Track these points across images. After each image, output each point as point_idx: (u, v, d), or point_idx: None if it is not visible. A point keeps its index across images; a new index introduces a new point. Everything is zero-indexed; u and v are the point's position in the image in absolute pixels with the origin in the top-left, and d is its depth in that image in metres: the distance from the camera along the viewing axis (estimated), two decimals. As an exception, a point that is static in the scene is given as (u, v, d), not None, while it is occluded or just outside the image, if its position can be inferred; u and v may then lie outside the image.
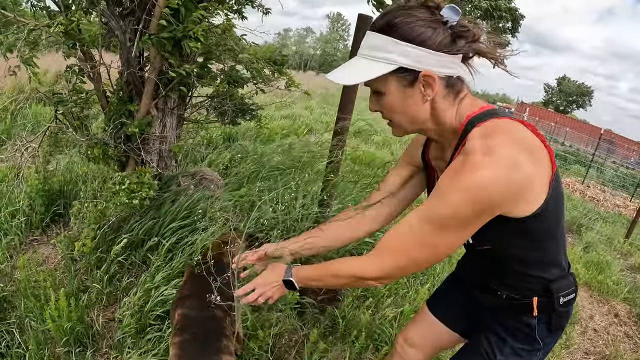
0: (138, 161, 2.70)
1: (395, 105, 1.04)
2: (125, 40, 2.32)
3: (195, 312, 1.58)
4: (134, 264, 2.50)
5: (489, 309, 1.32)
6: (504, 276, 1.20)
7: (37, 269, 2.46)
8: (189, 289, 1.69)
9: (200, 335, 1.49)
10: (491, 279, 1.26)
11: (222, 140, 5.29)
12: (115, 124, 2.43)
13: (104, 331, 2.17)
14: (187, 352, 1.42)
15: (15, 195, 2.97)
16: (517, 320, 1.23)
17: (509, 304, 1.22)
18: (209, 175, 3.18)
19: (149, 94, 2.45)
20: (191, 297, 1.64)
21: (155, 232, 2.54)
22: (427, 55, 0.96)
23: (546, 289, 1.16)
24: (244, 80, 2.97)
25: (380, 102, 1.06)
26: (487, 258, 1.19)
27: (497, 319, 1.29)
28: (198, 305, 1.59)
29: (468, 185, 0.91)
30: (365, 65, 1.01)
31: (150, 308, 2.11)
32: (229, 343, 1.51)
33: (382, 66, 0.99)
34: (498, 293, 1.23)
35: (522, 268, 1.15)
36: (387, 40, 0.97)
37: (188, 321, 1.54)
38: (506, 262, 1.16)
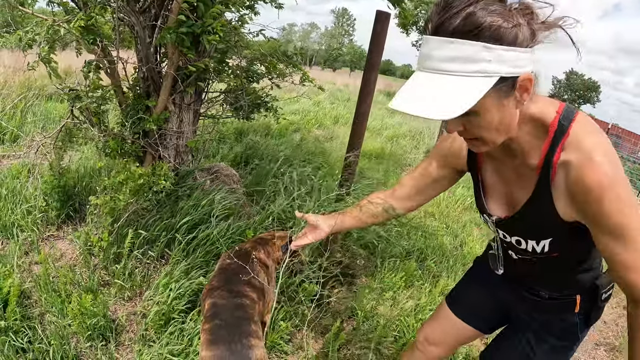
0: (155, 156, 2.71)
1: (492, 123, 0.86)
2: (144, 36, 2.33)
3: (225, 301, 1.63)
4: (151, 258, 2.51)
5: (523, 308, 1.30)
6: (554, 279, 1.18)
7: (55, 264, 2.48)
8: (218, 280, 1.74)
9: (230, 321, 1.54)
10: (537, 281, 1.23)
11: (235, 136, 5.30)
12: (132, 120, 2.43)
13: (126, 325, 2.19)
14: (217, 337, 1.48)
15: (30, 192, 2.98)
16: (558, 318, 1.22)
17: (550, 303, 1.21)
18: (224, 170, 3.20)
19: (167, 90, 2.46)
20: (219, 288, 1.69)
21: (171, 227, 2.55)
22: (521, 55, 0.80)
23: (592, 286, 1.15)
24: (259, 75, 2.97)
25: (471, 121, 0.87)
26: (543, 264, 1.14)
27: (534, 317, 1.27)
28: (227, 295, 1.65)
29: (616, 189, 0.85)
30: (457, 86, 0.79)
31: (173, 301, 2.12)
32: (257, 328, 1.57)
33: (481, 82, 0.78)
34: (540, 293, 1.22)
35: (577, 268, 1.13)
36: (477, 46, 0.77)
37: (218, 309, 1.60)
38: (563, 266, 1.13)
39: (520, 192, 1.03)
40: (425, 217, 4.34)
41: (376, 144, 6.88)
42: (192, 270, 2.31)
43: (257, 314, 1.66)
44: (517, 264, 1.23)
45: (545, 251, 1.06)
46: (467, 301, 1.51)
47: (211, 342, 1.46)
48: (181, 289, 2.16)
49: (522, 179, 1.02)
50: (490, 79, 0.78)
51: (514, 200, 1.07)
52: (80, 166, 3.47)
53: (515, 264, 1.24)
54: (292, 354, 2.17)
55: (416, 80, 0.84)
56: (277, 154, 4.31)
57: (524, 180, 1.01)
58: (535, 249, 1.07)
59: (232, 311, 1.59)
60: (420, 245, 3.40)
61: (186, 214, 2.60)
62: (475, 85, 0.78)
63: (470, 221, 4.55)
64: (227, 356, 1.41)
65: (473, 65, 0.78)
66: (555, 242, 1.03)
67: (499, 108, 0.84)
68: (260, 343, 1.52)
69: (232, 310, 1.60)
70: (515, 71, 0.80)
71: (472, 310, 1.49)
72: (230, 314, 1.58)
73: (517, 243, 1.13)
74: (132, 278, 2.40)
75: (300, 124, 7.45)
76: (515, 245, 1.14)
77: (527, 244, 1.09)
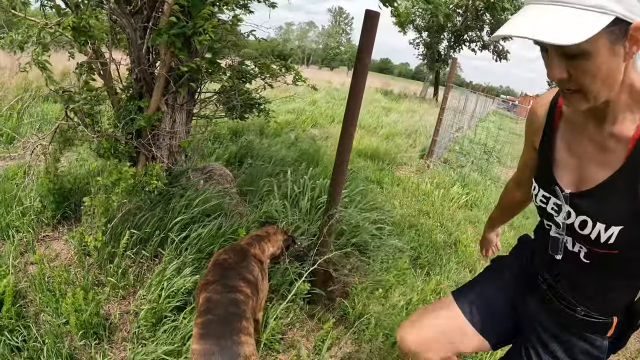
0: (149, 157, 2.73)
1: (600, 69, 0.81)
2: (136, 37, 2.35)
3: (219, 296, 1.67)
4: (145, 257, 2.54)
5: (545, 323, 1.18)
6: (599, 291, 1.06)
7: (50, 264, 2.50)
8: (214, 275, 1.78)
9: (222, 317, 1.58)
10: (578, 292, 1.10)
11: (230, 136, 5.32)
12: (125, 120, 2.46)
13: (119, 323, 2.21)
14: (208, 331, 1.51)
15: (25, 194, 3.00)
16: (585, 341, 1.10)
17: (583, 322, 1.08)
18: (218, 170, 3.22)
19: (159, 90, 2.48)
20: (215, 282, 1.73)
21: (163, 226, 2.57)
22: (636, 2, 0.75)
23: (632, 307, 1.06)
24: (252, 76, 2.99)
25: (577, 65, 0.82)
26: (595, 265, 1.04)
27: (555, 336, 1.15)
28: (222, 289, 1.69)
29: None
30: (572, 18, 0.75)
31: (165, 300, 2.15)
32: (248, 325, 1.59)
33: (597, 17, 0.74)
34: (577, 308, 1.09)
35: (628, 282, 1.04)
36: None
37: (211, 304, 1.63)
38: (615, 274, 1.03)
39: (598, 167, 0.95)
40: (420, 215, 4.37)
41: (372, 143, 6.90)
42: (185, 268, 2.33)
43: (249, 310, 1.69)
44: (565, 262, 1.10)
45: (609, 242, 0.94)
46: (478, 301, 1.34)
47: (202, 336, 1.49)
48: (173, 287, 2.18)
49: (604, 152, 0.94)
50: (607, 16, 0.74)
51: (586, 176, 0.99)
52: (76, 167, 3.49)
53: (563, 262, 1.10)
54: (283, 353, 2.19)
55: (527, 11, 0.80)
56: (271, 153, 4.33)
57: (607, 153, 0.93)
58: (600, 236, 0.95)
59: (225, 307, 1.62)
60: (413, 244, 3.43)
61: (179, 213, 2.62)
62: (591, 20, 0.74)
63: (465, 219, 4.58)
64: (216, 351, 1.44)
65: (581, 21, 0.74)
66: (625, 233, 0.92)
67: (610, 53, 0.79)
68: (250, 340, 1.54)
69: (226, 305, 1.63)
70: (630, 16, 0.75)
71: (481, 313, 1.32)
72: (223, 310, 1.61)
73: (581, 226, 1.00)
74: (125, 277, 2.42)
75: (296, 123, 7.47)
76: (578, 229, 1.01)
77: (595, 227, 0.96)
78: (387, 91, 22.74)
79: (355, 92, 2.24)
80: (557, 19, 0.75)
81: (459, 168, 6.78)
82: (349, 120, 2.28)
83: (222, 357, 1.42)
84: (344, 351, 2.29)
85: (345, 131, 2.32)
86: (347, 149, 2.37)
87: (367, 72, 2.22)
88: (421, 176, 6.05)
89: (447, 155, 7.26)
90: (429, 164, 6.66)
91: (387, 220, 3.43)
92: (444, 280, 3.03)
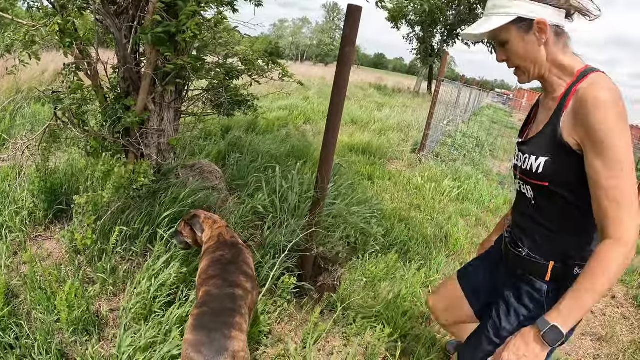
0: (137, 155, 2.75)
1: (518, 50, 1.24)
2: (121, 37, 2.37)
3: (218, 290, 1.72)
4: (135, 254, 2.56)
5: (505, 276, 1.46)
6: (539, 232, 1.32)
7: (42, 263, 2.52)
8: (214, 270, 1.83)
9: (217, 310, 1.63)
10: (525, 232, 1.37)
11: (221, 133, 5.33)
12: (112, 120, 2.47)
13: (109, 320, 2.24)
14: (201, 323, 1.56)
15: (18, 194, 3.01)
16: (528, 284, 1.33)
17: (526, 263, 1.34)
18: (207, 167, 3.24)
19: (145, 89, 2.50)
20: (216, 277, 1.79)
21: (152, 222, 2.60)
22: (539, 7, 1.19)
23: (567, 255, 1.26)
24: (238, 72, 3.01)
25: (506, 50, 1.28)
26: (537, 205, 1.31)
27: (510, 284, 1.40)
28: (222, 284, 1.75)
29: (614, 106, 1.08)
30: (489, 21, 1.25)
31: (154, 294, 2.18)
32: (242, 321, 1.64)
33: (500, 18, 1.23)
34: (522, 249, 1.36)
35: (563, 227, 1.27)
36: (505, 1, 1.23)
37: (209, 297, 1.69)
38: (552, 217, 1.28)
39: (541, 123, 1.28)
40: (411, 209, 4.40)
41: (364, 138, 6.93)
42: (173, 261, 2.35)
43: (246, 306, 1.73)
44: (519, 207, 1.41)
45: (539, 172, 1.23)
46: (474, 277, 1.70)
47: (194, 327, 1.55)
48: (161, 280, 2.21)
49: (548, 112, 1.26)
50: (508, 17, 1.21)
51: (534, 129, 1.34)
52: (68, 167, 3.50)
53: (518, 206, 1.43)
54: (271, 347, 2.23)
55: (479, 20, 1.31)
56: (261, 149, 4.35)
57: (549, 111, 1.26)
58: (532, 166, 1.25)
59: (222, 301, 1.67)
60: (403, 238, 3.46)
61: (166, 209, 2.65)
62: (496, 20, 1.24)
63: (456, 212, 4.61)
64: (206, 342, 1.48)
65: (501, 9, 1.23)
66: (549, 163, 1.21)
67: (521, 40, 1.23)
68: (241, 336, 1.58)
69: (223, 300, 1.68)
70: (531, 15, 1.19)
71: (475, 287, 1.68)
72: (219, 304, 1.65)
73: (523, 163, 1.31)
74: (115, 274, 2.45)
75: (289, 120, 7.49)
76: (522, 167, 1.32)
77: (529, 160, 1.27)
78: (380, 86, 22.74)
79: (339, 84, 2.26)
80: (482, 22, 1.28)
81: (451, 162, 6.81)
82: (334, 112, 2.31)
83: (210, 349, 1.47)
84: (331, 345, 2.33)
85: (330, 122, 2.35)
86: (332, 141, 2.39)
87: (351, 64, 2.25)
88: (413, 170, 6.08)
89: (440, 149, 7.30)
90: (421, 158, 6.70)
91: (377, 215, 3.46)
92: (433, 273, 3.07)
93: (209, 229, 2.08)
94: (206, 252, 1.98)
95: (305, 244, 2.55)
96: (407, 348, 2.38)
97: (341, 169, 3.65)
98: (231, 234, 2.08)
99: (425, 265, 3.13)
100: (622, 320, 3.32)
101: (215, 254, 1.92)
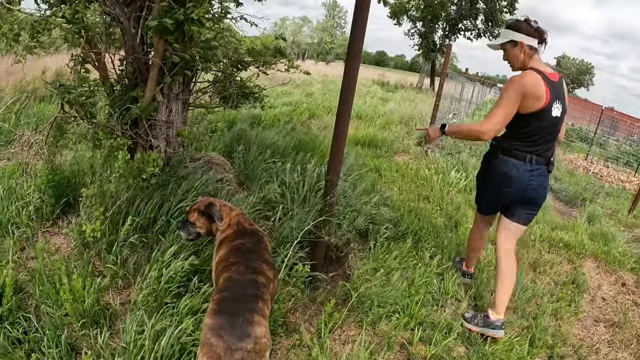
0: (146, 146, 2.73)
1: (511, 56, 2.43)
2: (129, 26, 2.34)
3: (240, 276, 1.68)
4: (146, 245, 2.54)
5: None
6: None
7: (50, 258, 2.49)
8: (235, 257, 1.79)
9: (239, 296, 1.58)
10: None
11: (228, 127, 5.30)
12: (120, 111, 2.45)
13: (120, 313, 2.21)
14: (222, 307, 1.51)
15: (24, 190, 3.00)
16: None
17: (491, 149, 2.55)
18: (216, 160, 3.22)
19: (153, 80, 2.47)
20: (237, 263, 1.74)
21: (164, 213, 2.57)
22: (522, 36, 2.35)
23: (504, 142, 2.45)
24: (247, 63, 2.98)
25: (506, 55, 2.46)
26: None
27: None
28: (244, 270, 1.70)
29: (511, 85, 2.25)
30: (499, 40, 2.46)
31: (164, 286, 2.14)
32: (264, 307, 1.59)
33: (505, 39, 2.42)
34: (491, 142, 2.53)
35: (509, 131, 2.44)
36: (507, 31, 2.41)
37: (231, 283, 1.64)
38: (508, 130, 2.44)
39: None
40: (419, 200, 4.37)
41: (369, 131, 6.90)
42: (182, 251, 2.32)
43: (269, 292, 1.68)
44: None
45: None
46: None
47: (215, 312, 1.49)
48: (171, 272, 2.17)
49: None
50: (507, 39, 2.40)
51: None
52: (74, 162, 3.47)
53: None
54: (285, 337, 2.20)
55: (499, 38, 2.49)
56: (269, 142, 4.32)
57: None
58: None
59: (244, 287, 1.62)
60: (414, 227, 3.43)
61: (179, 200, 2.62)
62: (501, 40, 2.45)
63: (465, 202, 4.58)
64: (227, 327, 1.43)
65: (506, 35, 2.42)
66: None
67: (511, 49, 2.40)
68: (264, 322, 1.53)
69: (245, 285, 1.63)
70: (517, 39, 2.36)
71: None
72: (241, 289, 1.61)
73: None
74: (125, 266, 2.42)
75: (293, 115, 7.46)
76: None
77: None
78: (383, 83, 22.67)
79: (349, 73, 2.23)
80: (498, 40, 2.49)
81: (457, 153, 6.77)
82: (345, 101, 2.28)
83: (231, 334, 1.41)
84: (347, 334, 2.30)
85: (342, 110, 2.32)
86: (344, 130, 2.36)
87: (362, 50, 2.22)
88: (419, 163, 6.05)
89: (445, 142, 7.25)
90: (427, 151, 6.66)
91: (388, 203, 3.43)
92: (446, 262, 3.04)
93: (226, 216, 2.02)
94: (225, 240, 1.93)
95: (316, 233, 2.52)
96: (424, 336, 2.35)
97: (350, 161, 3.61)
98: (249, 221, 2.04)
99: (437, 253, 3.10)
100: (634, 307, 3.32)
101: (235, 241, 1.87)
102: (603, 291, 3.48)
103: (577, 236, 4.32)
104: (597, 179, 8.22)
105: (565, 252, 4.00)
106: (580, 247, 4.09)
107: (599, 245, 4.23)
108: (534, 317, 2.76)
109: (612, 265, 3.93)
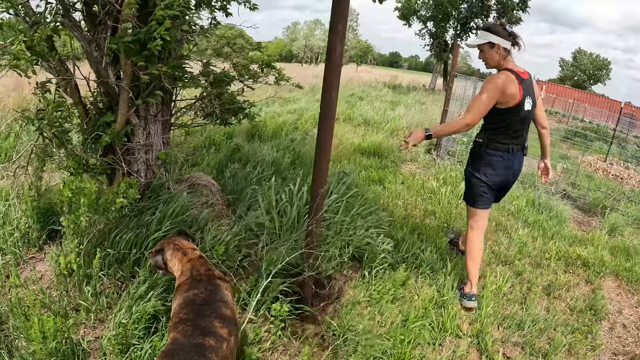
0: (124, 172, 2.59)
1: (486, 54, 2.67)
2: (91, 50, 2.20)
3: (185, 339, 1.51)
4: (122, 278, 2.39)
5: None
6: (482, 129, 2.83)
7: (31, 287, 2.38)
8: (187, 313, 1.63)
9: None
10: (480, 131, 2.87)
11: (225, 141, 5.16)
12: (92, 137, 2.31)
13: (91, 350, 2.07)
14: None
15: (12, 214, 2.90)
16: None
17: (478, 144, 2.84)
18: (202, 181, 3.06)
19: (124, 103, 2.33)
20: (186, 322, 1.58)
21: (139, 244, 2.43)
22: (499, 39, 2.60)
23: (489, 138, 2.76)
24: (229, 79, 2.82)
25: (483, 54, 2.68)
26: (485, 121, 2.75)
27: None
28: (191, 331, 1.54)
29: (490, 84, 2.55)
30: (477, 40, 2.68)
31: (132, 326, 2.00)
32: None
33: (481, 39, 2.65)
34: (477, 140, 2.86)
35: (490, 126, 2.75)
36: (485, 33, 2.65)
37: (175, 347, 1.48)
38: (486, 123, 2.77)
39: None
40: (425, 215, 4.14)
41: (375, 139, 6.69)
42: (152, 289, 2.17)
43: (219, 356, 1.48)
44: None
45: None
46: None
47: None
48: (137, 313, 2.02)
49: None
50: (485, 40, 2.65)
51: None
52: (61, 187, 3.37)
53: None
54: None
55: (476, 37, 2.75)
56: (264, 158, 4.15)
57: None
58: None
59: (187, 353, 1.44)
60: (414, 250, 3.20)
61: (156, 230, 2.47)
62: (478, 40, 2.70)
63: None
64: None
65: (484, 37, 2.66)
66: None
67: (488, 50, 2.67)
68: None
69: (189, 351, 1.45)
70: (494, 42, 2.62)
71: None
72: (185, 356, 1.43)
73: None
74: (99, 300, 2.28)
75: (297, 124, 7.29)
76: None
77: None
78: (395, 85, 22.35)
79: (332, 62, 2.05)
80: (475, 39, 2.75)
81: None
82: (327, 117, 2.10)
83: None
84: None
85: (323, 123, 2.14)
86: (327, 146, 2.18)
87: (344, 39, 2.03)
88: (427, 172, 5.81)
89: (456, 148, 6.97)
90: (435, 158, 6.41)
91: (385, 226, 3.21)
92: (448, 292, 2.80)
93: (178, 263, 1.84)
94: (179, 289, 1.75)
95: (303, 263, 2.33)
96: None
97: (345, 176, 3.41)
98: (206, 266, 1.83)
99: (437, 281, 2.87)
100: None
101: (189, 292, 1.68)
102: (624, 316, 3.18)
103: (597, 251, 3.99)
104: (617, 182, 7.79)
105: (583, 271, 3.68)
106: (600, 265, 3.75)
107: (620, 261, 3.91)
108: (545, 355, 2.48)
109: (635, 285, 3.61)
